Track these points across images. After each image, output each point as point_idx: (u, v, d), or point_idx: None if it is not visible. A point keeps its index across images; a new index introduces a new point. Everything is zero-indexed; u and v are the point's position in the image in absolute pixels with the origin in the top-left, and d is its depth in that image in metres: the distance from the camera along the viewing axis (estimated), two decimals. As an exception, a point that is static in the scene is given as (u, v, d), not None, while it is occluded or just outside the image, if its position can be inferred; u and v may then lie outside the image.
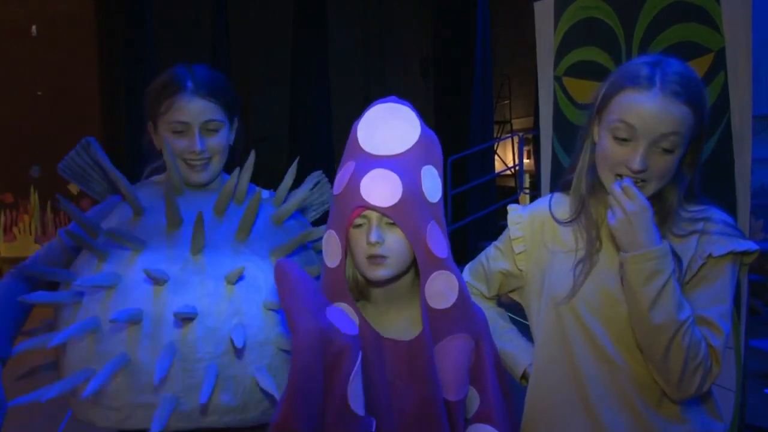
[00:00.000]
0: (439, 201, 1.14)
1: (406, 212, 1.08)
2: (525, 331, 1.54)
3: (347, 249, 1.15)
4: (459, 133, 7.70)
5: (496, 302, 1.59)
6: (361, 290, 1.20)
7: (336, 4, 8.24)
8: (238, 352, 1.31)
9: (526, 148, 9.14)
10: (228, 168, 1.58)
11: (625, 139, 1.23)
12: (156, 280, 1.31)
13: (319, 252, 1.56)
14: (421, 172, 1.11)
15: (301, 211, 1.65)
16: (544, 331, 1.38)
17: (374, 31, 10.45)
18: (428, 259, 1.11)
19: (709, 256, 1.26)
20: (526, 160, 9.19)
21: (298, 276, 1.10)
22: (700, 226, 1.29)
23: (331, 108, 7.58)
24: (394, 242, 1.10)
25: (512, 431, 1.20)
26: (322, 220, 1.63)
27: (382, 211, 1.08)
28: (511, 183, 9.52)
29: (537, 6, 2.75)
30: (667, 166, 1.24)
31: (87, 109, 6.85)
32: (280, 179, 1.58)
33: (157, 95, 1.49)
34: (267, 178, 1.57)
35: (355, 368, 1.09)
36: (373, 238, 1.09)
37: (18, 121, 6.82)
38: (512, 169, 9.01)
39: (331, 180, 1.66)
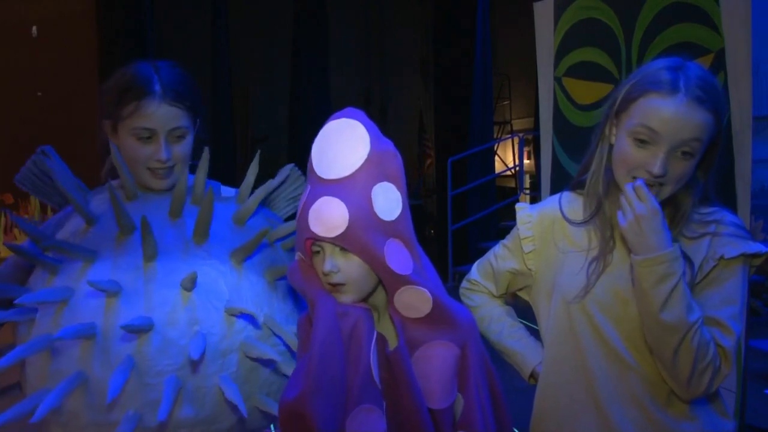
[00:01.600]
0: (399, 217, 1.11)
1: (356, 238, 1.07)
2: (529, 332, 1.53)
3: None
4: (459, 134, 7.68)
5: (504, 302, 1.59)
6: None
7: (336, 4, 8.24)
8: (199, 363, 1.26)
9: (526, 149, 9.13)
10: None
11: (645, 143, 1.23)
12: (106, 291, 1.24)
13: (289, 250, 1.52)
14: (372, 192, 1.08)
15: (272, 208, 1.58)
16: (554, 330, 1.38)
17: (374, 31, 10.45)
18: (390, 277, 1.10)
19: (721, 257, 1.27)
20: (526, 161, 9.19)
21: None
22: (711, 228, 1.30)
23: (332, 108, 7.55)
24: (350, 268, 1.10)
25: None
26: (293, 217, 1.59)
27: (330, 241, 1.08)
28: (512, 183, 9.52)
29: (537, 6, 2.75)
30: (685, 170, 1.24)
31: (87, 110, 6.84)
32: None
33: (120, 96, 1.39)
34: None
35: (374, 339, 1.12)
36: (326, 269, 1.10)
37: (18, 121, 6.82)
38: (512, 170, 9.01)
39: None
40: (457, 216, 7.27)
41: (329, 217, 1.06)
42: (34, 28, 7.24)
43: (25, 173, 1.46)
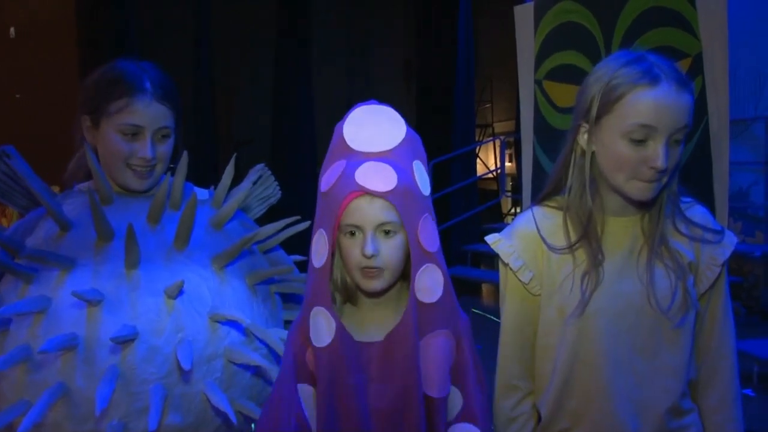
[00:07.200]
0: (429, 195, 1.15)
1: (403, 199, 1.08)
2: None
3: (335, 249, 1.13)
4: (441, 137, 7.72)
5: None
6: (349, 293, 1.18)
7: (320, 7, 8.23)
8: (186, 371, 1.24)
9: (507, 152, 9.19)
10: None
11: (642, 141, 1.19)
12: (89, 301, 1.21)
13: (267, 252, 1.52)
14: (413, 165, 1.13)
15: (244, 208, 1.57)
16: (566, 347, 1.29)
17: (357, 34, 10.45)
18: (419, 252, 1.10)
19: (722, 265, 1.30)
20: (507, 164, 9.24)
21: None
22: (702, 233, 1.31)
23: (314, 110, 7.57)
24: (389, 253, 1.09)
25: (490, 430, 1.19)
26: (265, 218, 1.59)
27: (381, 195, 1.07)
28: (494, 186, 9.56)
29: (517, 9, 2.77)
30: (677, 158, 1.23)
31: (68, 112, 6.76)
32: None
33: (107, 92, 1.38)
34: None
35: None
36: (369, 251, 1.07)
37: (-4, 123, 6.74)
38: (494, 173, 9.07)
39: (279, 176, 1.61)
40: (439, 218, 7.22)
41: (380, 174, 1.08)
42: (12, 29, 7.15)
43: None
